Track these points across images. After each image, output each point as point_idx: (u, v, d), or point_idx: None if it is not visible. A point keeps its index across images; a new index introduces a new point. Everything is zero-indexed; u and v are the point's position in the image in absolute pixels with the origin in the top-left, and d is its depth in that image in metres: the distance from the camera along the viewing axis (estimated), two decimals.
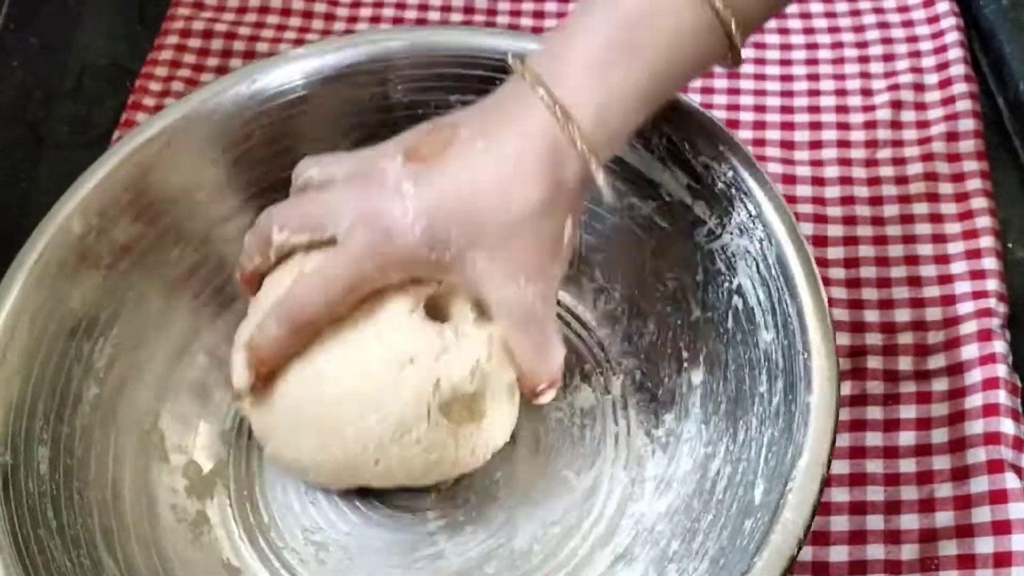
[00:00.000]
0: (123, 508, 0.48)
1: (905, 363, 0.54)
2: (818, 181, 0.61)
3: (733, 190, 0.48)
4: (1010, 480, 0.49)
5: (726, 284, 0.49)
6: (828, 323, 0.44)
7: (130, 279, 0.51)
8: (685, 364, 0.51)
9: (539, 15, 0.70)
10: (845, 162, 0.62)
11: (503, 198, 0.42)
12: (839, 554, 0.49)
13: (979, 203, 0.59)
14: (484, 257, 0.43)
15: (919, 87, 0.64)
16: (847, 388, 0.53)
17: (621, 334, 0.54)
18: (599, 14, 0.43)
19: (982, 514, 0.49)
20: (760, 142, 0.63)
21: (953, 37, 0.65)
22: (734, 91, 0.65)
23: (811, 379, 0.43)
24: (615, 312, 0.55)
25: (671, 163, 0.50)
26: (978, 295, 0.55)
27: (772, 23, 0.68)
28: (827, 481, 0.41)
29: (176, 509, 0.50)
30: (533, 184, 0.42)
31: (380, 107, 0.54)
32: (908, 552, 0.49)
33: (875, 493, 0.51)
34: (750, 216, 0.48)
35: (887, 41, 0.66)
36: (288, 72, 0.53)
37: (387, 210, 0.43)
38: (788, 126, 0.64)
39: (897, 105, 0.63)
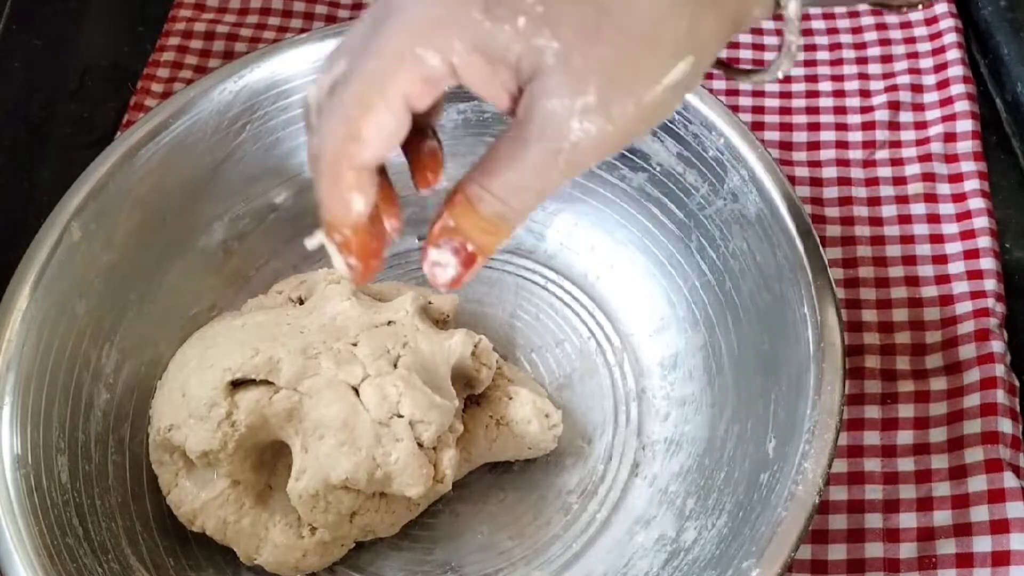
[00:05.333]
0: (144, 510, 0.48)
1: (903, 362, 0.55)
2: (816, 182, 0.61)
3: (725, 156, 0.49)
4: (1008, 479, 0.49)
5: (721, 248, 0.50)
6: (828, 277, 0.45)
7: (129, 282, 0.51)
8: (685, 328, 0.52)
9: None
10: (843, 163, 0.62)
11: None
12: (838, 552, 0.50)
13: (977, 203, 0.59)
14: (554, 52, 0.32)
15: (917, 88, 0.64)
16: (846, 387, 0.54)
17: (621, 303, 0.55)
18: None
19: (980, 513, 0.49)
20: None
21: (951, 38, 0.65)
22: (732, 92, 0.65)
23: (816, 332, 0.44)
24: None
25: (661, 132, 0.51)
26: (976, 295, 0.56)
27: (770, 24, 0.68)
28: (840, 429, 0.42)
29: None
30: None
31: None
32: (906, 551, 0.49)
33: (873, 492, 0.51)
34: (743, 180, 0.48)
35: (885, 42, 0.67)
36: (274, 65, 0.54)
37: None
38: (786, 127, 0.64)
39: (895, 106, 0.63)
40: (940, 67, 0.64)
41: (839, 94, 0.65)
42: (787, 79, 0.66)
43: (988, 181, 0.60)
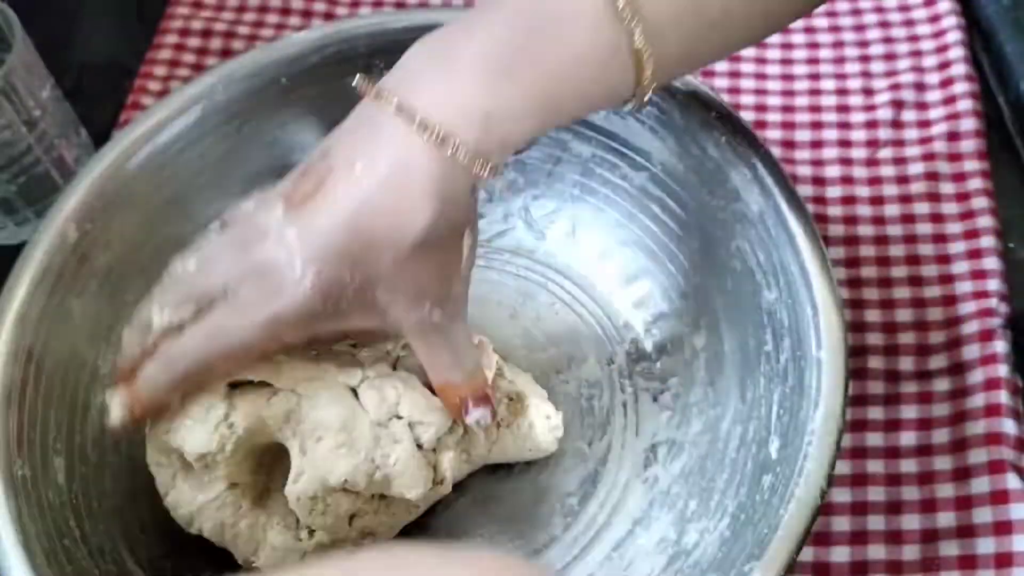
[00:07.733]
0: (141, 512, 0.48)
1: (906, 363, 0.54)
2: (819, 181, 0.61)
3: (727, 155, 0.48)
4: (1011, 480, 0.49)
5: (723, 248, 0.49)
6: (831, 277, 0.45)
7: (126, 283, 0.51)
8: (686, 329, 0.52)
9: None
10: (846, 162, 0.62)
11: (392, 223, 0.39)
12: (840, 555, 0.49)
13: (980, 203, 0.58)
14: (384, 290, 0.41)
15: (920, 87, 0.64)
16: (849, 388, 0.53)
17: (622, 304, 0.55)
18: (497, 14, 0.40)
19: (983, 514, 0.49)
20: None
21: (954, 37, 0.65)
22: (734, 91, 0.65)
23: (820, 334, 0.44)
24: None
25: (663, 131, 0.51)
26: (979, 295, 0.55)
27: None
28: (843, 431, 0.42)
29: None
30: (421, 206, 0.39)
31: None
32: (909, 552, 0.49)
33: (876, 493, 0.51)
34: (745, 179, 0.48)
35: (888, 40, 0.66)
36: (270, 63, 0.53)
37: (273, 264, 0.40)
38: (789, 125, 0.64)
39: (898, 105, 0.63)
40: (943, 65, 0.64)
41: (842, 92, 0.65)
42: (789, 77, 0.66)
43: (991, 180, 0.60)
